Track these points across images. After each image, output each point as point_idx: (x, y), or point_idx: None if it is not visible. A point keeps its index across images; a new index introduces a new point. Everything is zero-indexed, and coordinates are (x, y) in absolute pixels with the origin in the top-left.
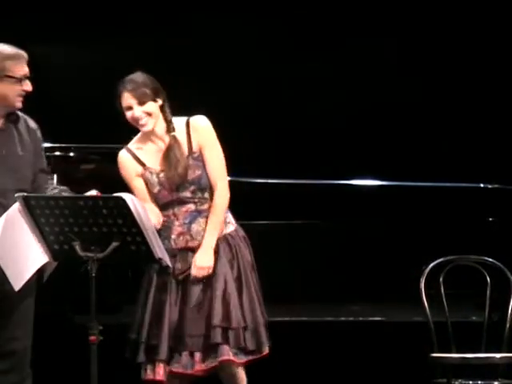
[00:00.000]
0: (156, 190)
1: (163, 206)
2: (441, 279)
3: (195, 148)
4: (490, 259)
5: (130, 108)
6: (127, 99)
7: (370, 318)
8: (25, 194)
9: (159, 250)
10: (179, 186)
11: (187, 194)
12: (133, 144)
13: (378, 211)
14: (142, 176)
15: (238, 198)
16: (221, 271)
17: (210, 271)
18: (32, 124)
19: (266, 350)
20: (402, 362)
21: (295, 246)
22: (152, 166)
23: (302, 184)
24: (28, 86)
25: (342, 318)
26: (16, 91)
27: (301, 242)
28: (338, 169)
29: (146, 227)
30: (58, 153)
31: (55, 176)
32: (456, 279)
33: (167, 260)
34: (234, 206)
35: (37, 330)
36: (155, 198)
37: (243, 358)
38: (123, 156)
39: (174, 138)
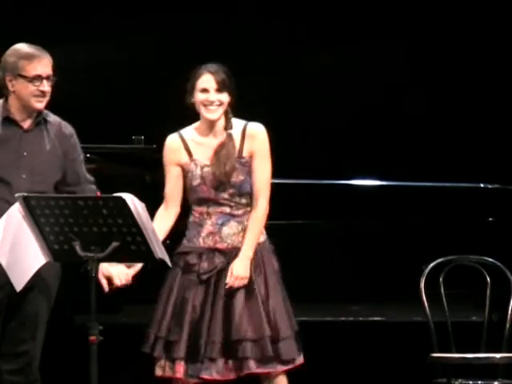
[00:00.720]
0: (196, 183)
1: (198, 201)
2: (441, 279)
3: (245, 153)
4: (490, 259)
5: (206, 91)
6: (208, 81)
7: (370, 318)
8: (25, 194)
9: (159, 250)
10: (220, 185)
11: (225, 195)
12: (186, 132)
13: (378, 211)
14: (185, 166)
15: None
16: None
17: (246, 281)
18: (66, 129)
19: (298, 360)
20: (402, 361)
21: (295, 246)
22: (198, 159)
23: (302, 184)
24: (43, 86)
25: (342, 318)
26: (30, 91)
27: (301, 242)
28: (338, 169)
29: (146, 227)
30: None
31: None
32: (456, 279)
33: (167, 260)
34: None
35: None
36: (193, 191)
37: (272, 368)
38: (173, 141)
39: (230, 136)
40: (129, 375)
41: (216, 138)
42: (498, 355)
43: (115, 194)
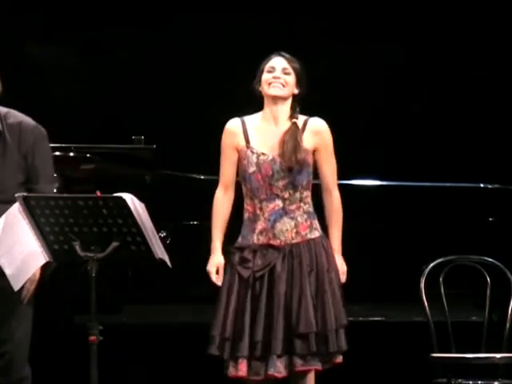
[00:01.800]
0: (251, 170)
1: (251, 193)
2: (441, 279)
3: (306, 146)
4: (490, 259)
5: (273, 69)
6: (276, 61)
7: (370, 318)
8: (25, 194)
9: (159, 250)
10: (274, 174)
11: (279, 184)
12: (248, 118)
13: (378, 211)
14: (241, 152)
15: (238, 197)
16: (299, 277)
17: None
18: (27, 130)
19: (338, 358)
20: (402, 361)
21: None
22: (255, 146)
23: None
24: None
25: None
26: None
27: None
28: (339, 169)
29: (146, 227)
30: (57, 153)
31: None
32: (456, 279)
33: (167, 260)
34: (233, 206)
35: (37, 330)
36: (247, 180)
37: (314, 366)
38: (234, 125)
39: (295, 125)
40: (129, 375)
41: (278, 127)
42: (498, 355)
43: (115, 194)
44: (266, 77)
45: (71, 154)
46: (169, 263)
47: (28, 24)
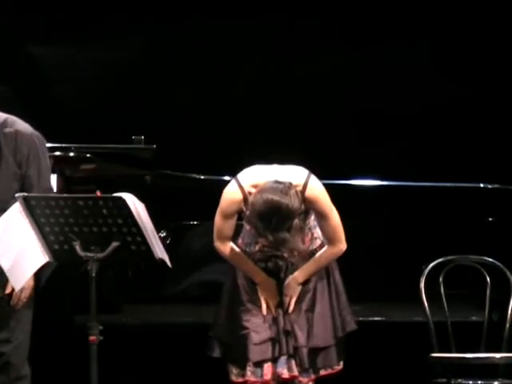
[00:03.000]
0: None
1: None
2: (441, 279)
3: (304, 208)
4: (490, 259)
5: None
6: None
7: (370, 318)
8: (25, 194)
9: (159, 250)
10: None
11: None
12: (247, 181)
13: (378, 211)
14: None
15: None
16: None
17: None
18: (22, 141)
19: (336, 367)
20: (402, 361)
21: None
22: None
23: None
24: None
25: None
26: None
27: None
28: (338, 169)
29: (146, 227)
30: (58, 153)
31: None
32: (456, 279)
33: (167, 260)
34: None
35: (37, 330)
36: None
37: (309, 376)
38: (235, 196)
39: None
40: (129, 375)
41: None
42: (497, 355)
43: (115, 194)
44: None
45: (71, 154)
46: (169, 263)
47: (28, 24)
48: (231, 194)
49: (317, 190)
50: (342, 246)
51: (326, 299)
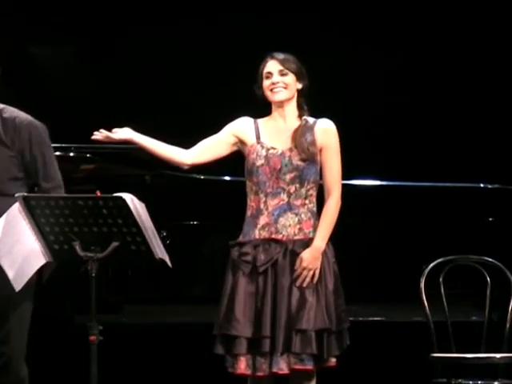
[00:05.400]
0: (259, 163)
1: (256, 187)
2: (441, 279)
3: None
4: (490, 259)
5: (270, 74)
6: (272, 65)
7: (370, 318)
8: (25, 194)
9: (159, 250)
10: (282, 167)
11: (286, 177)
12: (259, 119)
13: (378, 211)
14: (250, 147)
15: (238, 197)
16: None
17: (312, 273)
18: (21, 126)
19: (330, 361)
20: (402, 361)
21: None
22: (265, 142)
23: None
24: None
25: None
26: None
27: None
28: None
29: (146, 227)
30: (58, 153)
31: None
32: (456, 279)
33: (167, 260)
34: (233, 206)
35: (37, 330)
36: (254, 173)
37: (309, 365)
38: (245, 121)
39: (306, 122)
40: (129, 375)
41: (287, 124)
42: (497, 355)
43: (115, 194)
44: (265, 84)
45: (71, 154)
46: (169, 263)
47: (28, 24)
48: (243, 118)
49: (329, 123)
50: (339, 190)
51: (324, 292)
